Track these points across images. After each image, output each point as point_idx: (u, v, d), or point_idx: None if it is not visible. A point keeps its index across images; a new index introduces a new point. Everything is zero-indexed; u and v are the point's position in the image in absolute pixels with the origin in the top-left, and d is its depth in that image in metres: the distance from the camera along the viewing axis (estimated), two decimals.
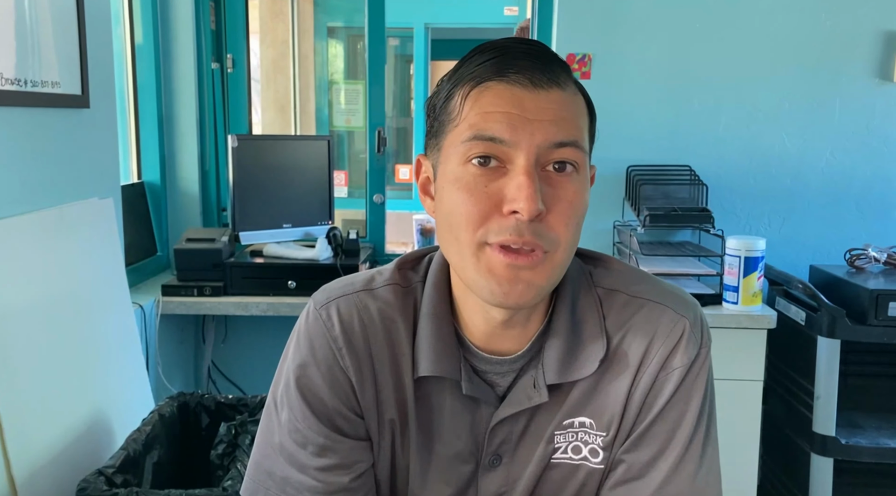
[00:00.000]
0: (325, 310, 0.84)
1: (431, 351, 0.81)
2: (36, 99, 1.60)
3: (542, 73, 0.73)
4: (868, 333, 2.06)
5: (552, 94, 0.74)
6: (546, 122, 0.72)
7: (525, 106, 0.72)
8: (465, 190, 0.74)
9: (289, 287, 2.25)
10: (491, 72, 0.74)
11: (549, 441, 0.83)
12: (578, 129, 0.75)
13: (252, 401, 1.77)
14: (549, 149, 0.73)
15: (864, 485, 2.20)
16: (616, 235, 2.53)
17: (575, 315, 0.83)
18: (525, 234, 0.72)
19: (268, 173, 2.43)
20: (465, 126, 0.74)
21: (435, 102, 0.79)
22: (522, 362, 0.83)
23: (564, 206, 0.74)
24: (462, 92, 0.75)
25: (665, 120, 2.52)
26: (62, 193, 1.72)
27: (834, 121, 2.49)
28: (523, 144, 0.72)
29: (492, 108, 0.73)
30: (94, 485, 1.36)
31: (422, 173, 0.83)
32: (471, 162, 0.74)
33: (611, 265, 0.88)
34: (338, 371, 0.82)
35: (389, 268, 0.87)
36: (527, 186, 0.71)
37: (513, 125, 0.72)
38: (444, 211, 0.77)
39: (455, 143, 0.75)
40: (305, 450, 0.82)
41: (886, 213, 2.52)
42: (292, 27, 4.46)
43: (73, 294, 1.66)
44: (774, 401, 2.37)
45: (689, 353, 0.81)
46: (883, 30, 2.43)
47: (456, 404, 0.83)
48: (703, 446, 0.82)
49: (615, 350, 0.82)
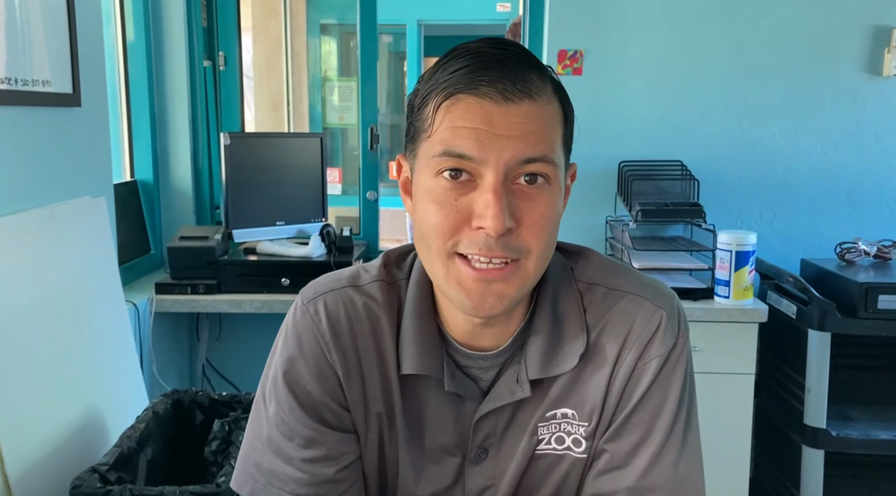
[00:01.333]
0: (313, 305, 0.85)
1: (415, 349, 0.82)
2: (27, 98, 1.60)
3: (514, 85, 0.73)
4: (858, 326, 2.08)
5: (522, 107, 0.73)
6: (514, 138, 0.73)
7: (494, 121, 0.73)
8: (435, 202, 0.75)
9: (282, 284, 2.26)
10: (462, 83, 0.74)
11: (533, 433, 0.84)
12: (548, 142, 0.75)
13: (246, 398, 1.77)
14: (518, 165, 0.73)
15: (855, 476, 2.22)
16: (608, 231, 2.54)
17: (556, 311, 0.84)
18: (495, 249, 0.74)
19: (261, 171, 2.43)
20: (437, 140, 0.75)
21: (413, 103, 0.80)
22: (505, 357, 0.84)
23: (536, 219, 0.75)
24: (434, 102, 0.76)
25: (656, 115, 2.53)
26: (54, 192, 1.72)
27: (824, 115, 2.50)
28: (491, 161, 0.73)
29: (461, 123, 0.73)
30: (88, 482, 1.36)
31: (402, 173, 0.84)
32: (442, 175, 0.75)
33: (591, 259, 0.89)
34: (325, 365, 0.84)
35: (376, 265, 0.89)
36: (493, 205, 0.72)
37: (481, 142, 0.73)
38: (417, 219, 0.79)
39: (427, 155, 0.76)
40: (292, 443, 0.83)
41: (876, 207, 2.53)
42: (285, 24, 4.45)
43: (66, 293, 1.66)
44: (766, 395, 2.38)
45: (666, 343, 0.83)
46: (872, 25, 2.44)
47: (440, 400, 0.84)
48: (684, 434, 0.83)
49: (594, 343, 0.84)
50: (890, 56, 2.42)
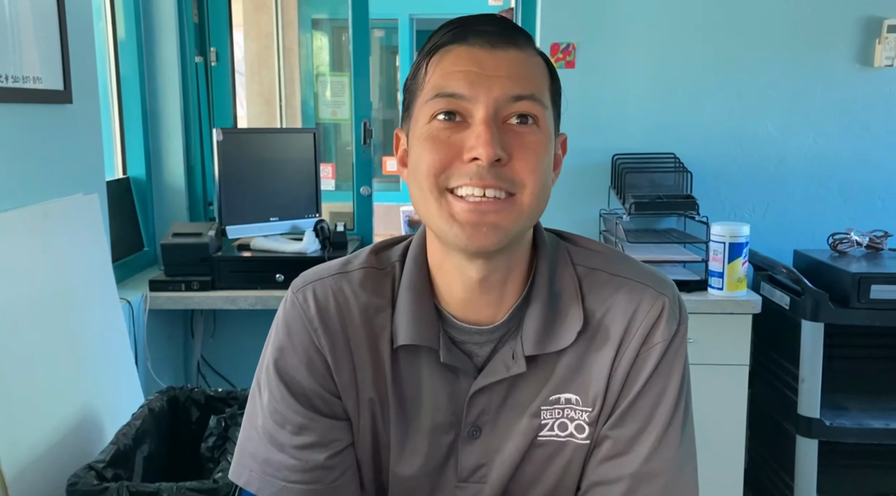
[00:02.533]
0: (302, 294, 0.86)
1: (410, 320, 0.83)
2: (17, 95, 1.59)
3: (501, 36, 0.78)
4: (851, 316, 2.09)
5: (510, 54, 0.78)
6: (503, 77, 0.77)
7: (484, 64, 0.77)
8: (429, 141, 0.78)
9: (277, 280, 2.25)
10: (452, 37, 0.79)
11: (535, 415, 0.85)
12: (536, 85, 0.78)
13: (242, 394, 1.77)
14: (507, 102, 0.76)
15: (849, 465, 2.24)
16: (602, 223, 2.55)
17: (553, 288, 0.85)
18: (486, 177, 0.75)
19: (254, 167, 2.43)
20: (430, 87, 0.79)
21: (408, 80, 0.84)
22: (501, 333, 0.84)
23: (528, 154, 0.77)
24: (426, 60, 0.80)
25: (649, 108, 2.53)
26: (46, 189, 1.71)
27: (816, 107, 2.51)
28: (482, 98, 0.76)
29: (452, 68, 0.78)
30: (84, 479, 1.36)
31: (399, 147, 0.86)
32: (436, 118, 0.78)
33: (590, 246, 0.90)
34: (314, 352, 0.85)
35: (364, 252, 0.90)
36: (484, 133, 0.75)
37: (471, 81, 0.76)
38: (412, 168, 0.81)
39: (421, 104, 0.79)
40: (284, 430, 0.84)
41: (868, 198, 2.54)
42: (276, 20, 4.43)
43: (59, 290, 1.66)
44: (760, 385, 2.40)
45: (669, 329, 0.84)
46: (863, 16, 2.45)
47: (434, 375, 0.85)
48: (683, 422, 0.84)
49: (598, 326, 0.84)
50: (881, 47, 2.43)
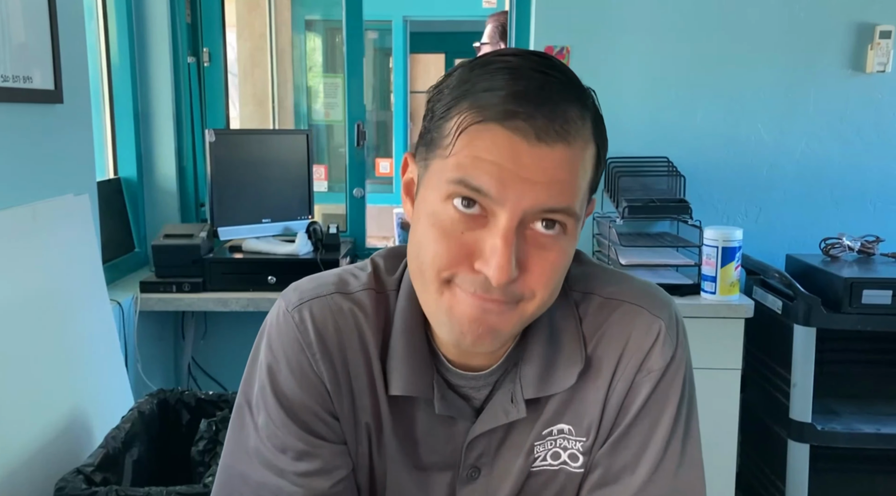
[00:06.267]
0: (298, 313, 0.80)
1: (404, 369, 0.78)
2: (7, 94, 1.57)
3: (550, 123, 0.66)
4: (843, 321, 2.10)
5: (555, 151, 0.66)
6: (540, 184, 0.66)
7: (521, 161, 0.66)
8: (439, 230, 0.69)
9: (269, 282, 2.24)
10: (494, 108, 0.66)
11: (530, 453, 0.81)
12: (575, 192, 0.69)
13: (233, 397, 1.74)
14: (537, 213, 0.68)
15: (840, 470, 2.24)
16: (595, 227, 2.55)
17: (553, 325, 0.80)
18: (493, 292, 0.69)
19: (246, 168, 2.41)
20: (454, 163, 0.68)
21: (434, 108, 0.72)
22: (498, 375, 0.80)
23: (546, 268, 0.70)
24: (458, 120, 0.68)
25: (643, 112, 2.53)
26: (36, 190, 1.69)
27: (809, 112, 2.52)
28: (509, 204, 0.66)
29: (485, 155, 0.66)
30: (72, 483, 1.35)
31: (407, 173, 0.78)
32: (451, 202, 0.68)
33: (583, 264, 0.84)
34: (313, 376, 0.79)
35: (365, 272, 0.84)
36: (501, 253, 0.66)
37: (502, 180, 0.66)
38: (415, 238, 0.73)
39: (440, 175, 0.69)
40: (285, 455, 0.79)
41: (860, 203, 2.55)
42: (269, 20, 4.42)
43: (49, 292, 1.64)
44: (752, 389, 2.40)
45: (665, 355, 0.80)
46: (855, 21, 2.46)
47: (431, 420, 0.81)
48: (683, 443, 0.81)
49: (591, 356, 0.80)
50: (873, 53, 2.44)
